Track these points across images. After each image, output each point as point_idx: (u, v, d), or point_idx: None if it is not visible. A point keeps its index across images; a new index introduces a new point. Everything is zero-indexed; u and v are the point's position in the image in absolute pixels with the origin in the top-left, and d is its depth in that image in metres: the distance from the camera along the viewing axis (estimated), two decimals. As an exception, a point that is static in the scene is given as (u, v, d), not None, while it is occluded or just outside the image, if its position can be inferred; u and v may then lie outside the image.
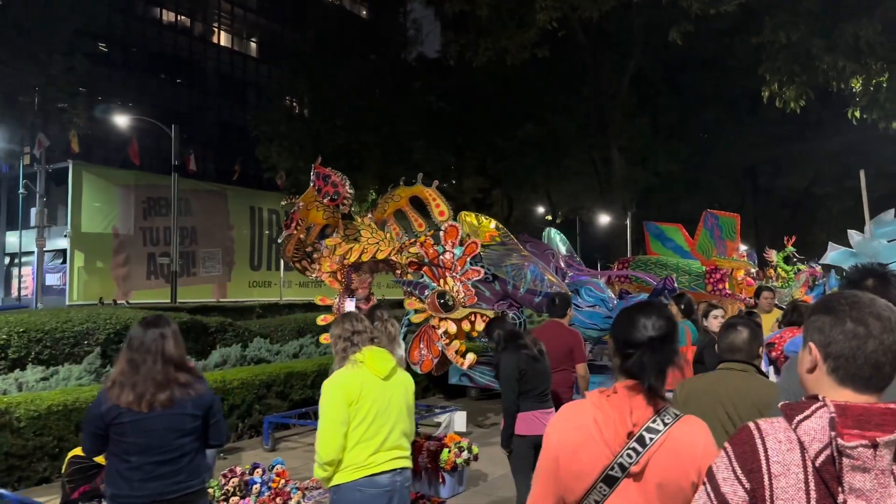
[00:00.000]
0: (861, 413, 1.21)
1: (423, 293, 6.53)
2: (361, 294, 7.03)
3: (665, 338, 1.77)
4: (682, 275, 11.69)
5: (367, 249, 6.57)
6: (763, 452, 1.26)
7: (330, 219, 6.83)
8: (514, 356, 4.32)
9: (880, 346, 1.26)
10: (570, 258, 10.71)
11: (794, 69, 8.42)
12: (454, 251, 6.67)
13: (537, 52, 17.71)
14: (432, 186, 7.66)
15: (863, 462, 1.17)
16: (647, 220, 14.06)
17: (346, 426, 2.90)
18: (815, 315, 1.35)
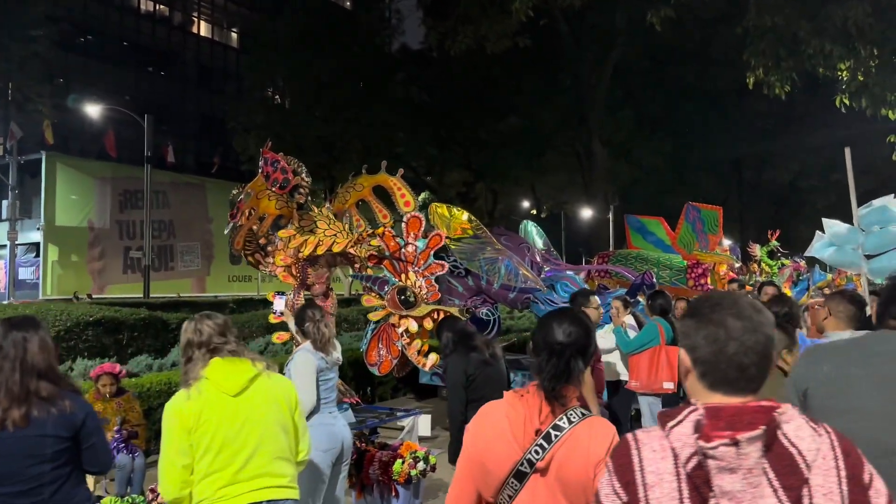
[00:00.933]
0: (734, 414, 1.19)
1: (382, 289, 6.07)
2: (318, 290, 6.55)
3: (571, 345, 1.81)
4: (662, 269, 11.33)
5: (322, 242, 6.09)
6: (638, 463, 1.24)
7: (283, 209, 6.33)
8: (462, 360, 3.89)
9: (741, 347, 1.23)
10: (546, 252, 10.29)
11: (780, 53, 8.04)
12: (416, 244, 6.22)
13: (518, 41, 17.30)
14: (397, 175, 7.20)
15: (727, 462, 1.15)
16: (629, 214, 13.70)
17: (187, 457, 2.39)
18: (683, 319, 1.33)
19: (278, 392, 2.60)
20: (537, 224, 11.24)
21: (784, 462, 1.17)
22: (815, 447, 1.19)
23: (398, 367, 6.24)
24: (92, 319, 9.47)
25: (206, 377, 2.46)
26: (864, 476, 1.21)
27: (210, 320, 2.57)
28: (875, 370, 2.03)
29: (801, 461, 1.17)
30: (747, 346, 1.23)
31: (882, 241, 5.87)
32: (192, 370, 2.48)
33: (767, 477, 1.16)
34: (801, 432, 1.20)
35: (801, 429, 1.20)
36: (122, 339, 10.12)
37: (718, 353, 1.24)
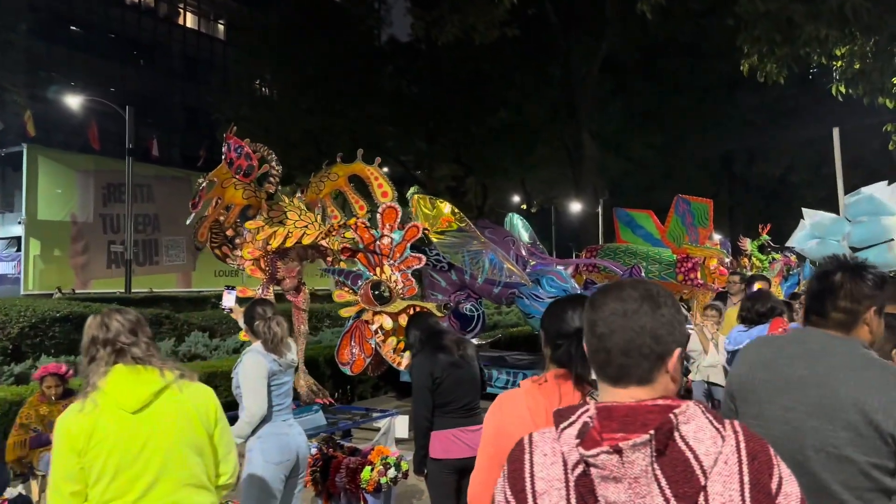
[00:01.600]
0: (627, 413, 1.12)
1: (355, 283, 5.73)
2: (289, 284, 6.21)
3: None
4: (651, 263, 11.06)
5: (292, 234, 5.75)
6: (529, 469, 1.18)
7: (251, 198, 5.98)
8: (428, 360, 3.57)
9: (622, 337, 1.16)
10: (532, 245, 10.00)
11: (775, 38, 7.74)
12: (392, 236, 5.88)
13: (507, 31, 16.93)
14: (374, 164, 6.86)
15: (610, 471, 1.07)
16: (618, 208, 13.42)
17: (76, 483, 2.03)
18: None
19: (191, 407, 2.21)
20: (527, 218, 10.95)
21: (678, 468, 1.07)
22: (715, 451, 1.09)
23: (372, 366, 5.92)
24: (59, 315, 9.09)
25: (103, 389, 2.10)
26: (770, 482, 1.10)
27: (120, 315, 2.21)
28: (778, 373, 1.84)
29: (697, 467, 1.07)
30: (635, 331, 1.16)
31: (869, 234, 5.58)
32: (92, 375, 2.12)
33: (659, 485, 1.06)
34: (701, 434, 1.09)
35: (701, 430, 1.10)
36: (91, 335, 9.73)
37: (601, 345, 1.18)
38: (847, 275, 1.83)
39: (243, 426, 3.23)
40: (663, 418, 1.08)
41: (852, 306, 1.81)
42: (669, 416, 1.09)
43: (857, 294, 1.81)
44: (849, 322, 1.82)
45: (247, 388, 3.24)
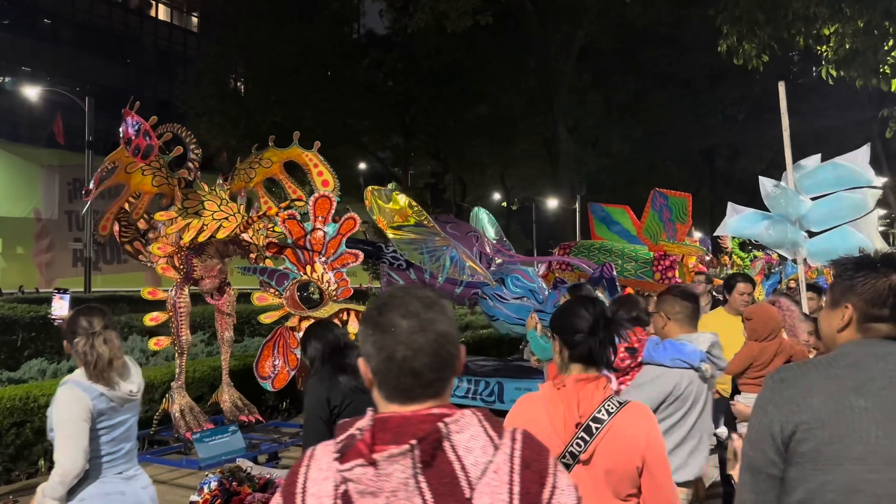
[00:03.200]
0: (401, 423, 1.08)
1: (281, 284, 4.97)
2: (209, 285, 5.43)
3: (605, 319, 1.91)
4: (627, 261, 10.40)
5: (207, 226, 4.97)
6: (302, 484, 1.12)
7: (163, 186, 5.20)
8: (324, 383, 2.85)
9: (409, 350, 1.10)
10: (498, 242, 9.30)
11: (758, 18, 7.10)
12: (325, 229, 5.13)
13: (480, 18, 16.27)
14: (313, 149, 6.11)
15: (366, 486, 1.03)
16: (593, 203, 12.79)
17: None
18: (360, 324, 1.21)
19: None
20: (508, 216, 10.29)
21: (444, 480, 1.03)
22: (484, 461, 1.06)
23: (302, 379, 5.16)
24: (-26, 318, 8.23)
25: None
26: (542, 492, 1.08)
27: None
28: (879, 399, 1.50)
29: (463, 478, 1.04)
30: (417, 348, 1.10)
31: (829, 212, 4.81)
32: None
33: (423, 498, 1.02)
34: (473, 443, 1.06)
35: (474, 439, 1.07)
36: (16, 340, 8.89)
37: (388, 361, 1.11)
38: None
39: (55, 486, 2.39)
40: (433, 427, 1.05)
41: None
42: (439, 425, 1.05)
43: None
44: None
45: (59, 434, 2.42)
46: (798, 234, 4.89)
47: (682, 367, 2.66)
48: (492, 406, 7.50)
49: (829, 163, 4.76)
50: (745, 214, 5.11)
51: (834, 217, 4.84)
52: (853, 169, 4.65)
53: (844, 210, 4.80)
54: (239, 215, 5.12)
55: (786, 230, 4.89)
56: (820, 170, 4.80)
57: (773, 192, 4.89)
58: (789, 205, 4.86)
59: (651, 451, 1.84)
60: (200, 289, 5.48)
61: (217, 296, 5.57)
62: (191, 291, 5.48)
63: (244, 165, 5.90)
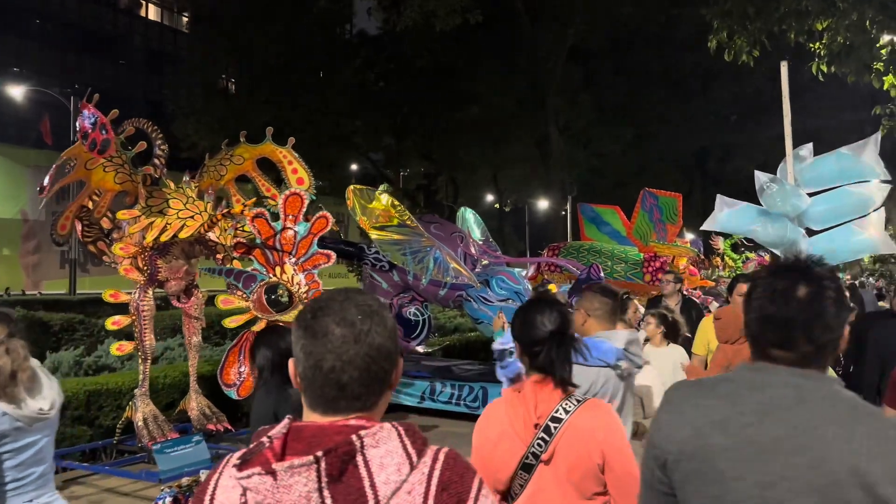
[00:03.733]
0: (315, 433, 1.03)
1: (248, 286, 4.72)
2: (175, 287, 5.18)
3: (564, 329, 1.92)
4: (617, 263, 10.19)
5: (171, 226, 4.72)
6: (211, 492, 1.06)
7: (126, 183, 4.95)
8: (271, 396, 2.62)
9: (339, 361, 1.04)
10: (484, 243, 9.07)
11: (748, 12, 6.90)
12: (296, 228, 4.89)
13: (469, 17, 16.09)
14: (287, 145, 5.87)
15: (264, 496, 0.97)
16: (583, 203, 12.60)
17: None
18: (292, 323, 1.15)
19: None
20: (501, 217, 10.08)
21: (350, 497, 0.97)
22: (397, 479, 1.00)
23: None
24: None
25: None
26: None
27: None
28: (742, 436, 1.35)
29: (371, 496, 0.98)
30: (345, 360, 1.04)
31: (831, 209, 4.39)
32: None
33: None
34: (387, 459, 1.00)
35: (390, 455, 1.00)
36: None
37: (315, 369, 1.05)
38: (813, 291, 1.36)
39: None
40: (344, 439, 0.99)
41: (828, 335, 1.36)
42: (352, 438, 0.99)
43: (831, 318, 1.36)
44: (822, 355, 1.37)
45: None
46: (797, 231, 4.50)
47: (599, 366, 2.61)
48: (476, 412, 7.27)
49: (833, 153, 4.35)
50: (738, 209, 4.67)
51: (836, 214, 4.43)
52: (860, 161, 4.21)
53: (848, 207, 4.38)
54: (205, 214, 4.87)
55: (784, 228, 4.46)
56: (822, 162, 4.41)
57: (768, 190, 4.43)
58: (787, 203, 4.43)
59: (609, 446, 1.84)
60: (166, 291, 5.23)
61: (184, 298, 5.32)
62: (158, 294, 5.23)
63: (214, 162, 5.65)
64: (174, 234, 4.65)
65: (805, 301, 1.36)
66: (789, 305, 1.36)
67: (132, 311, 5.07)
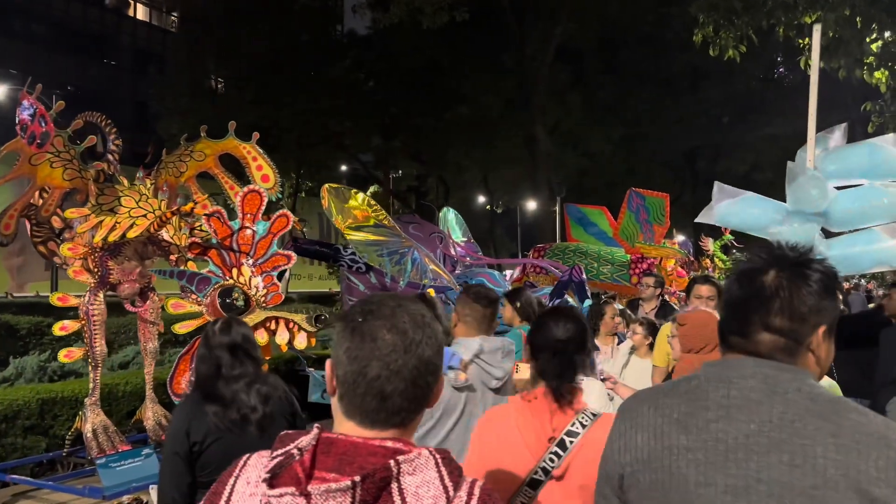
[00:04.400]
0: (347, 450, 0.96)
1: (202, 289, 4.44)
2: (128, 290, 4.89)
3: (569, 340, 1.85)
4: (603, 264, 9.97)
5: (120, 225, 4.44)
6: (228, 494, 1.02)
7: (76, 180, 4.66)
8: (185, 412, 2.37)
9: (385, 369, 0.98)
10: (466, 244, 8.83)
11: (735, 6, 6.67)
12: (255, 228, 4.61)
13: (456, 14, 15.84)
14: (252, 141, 5.59)
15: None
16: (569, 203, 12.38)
17: None
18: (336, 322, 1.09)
19: None
20: (493, 219, 9.85)
21: None
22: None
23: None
24: None
25: None
26: None
27: None
28: (707, 434, 1.17)
29: None
30: (393, 370, 0.98)
31: (857, 210, 3.66)
32: None
33: None
34: (423, 490, 0.94)
35: (427, 485, 0.94)
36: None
37: (358, 375, 0.98)
38: (785, 275, 1.21)
39: None
40: (383, 464, 0.92)
41: (792, 325, 1.20)
42: (389, 463, 0.92)
43: (799, 305, 1.19)
44: (787, 349, 1.20)
45: None
46: (815, 232, 3.81)
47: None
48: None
49: (865, 144, 3.65)
50: (743, 199, 3.96)
51: (862, 216, 3.66)
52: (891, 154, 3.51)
53: (878, 208, 3.61)
54: (159, 212, 4.59)
55: (804, 228, 3.69)
56: (851, 152, 3.70)
57: (804, 182, 3.59)
58: (822, 198, 3.59)
59: None
60: (119, 294, 4.94)
61: (140, 302, 5.02)
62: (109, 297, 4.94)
63: (173, 158, 5.36)
64: (123, 234, 4.36)
65: (769, 283, 1.20)
66: (751, 286, 1.22)
67: (81, 316, 4.77)
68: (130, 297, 4.93)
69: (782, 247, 1.25)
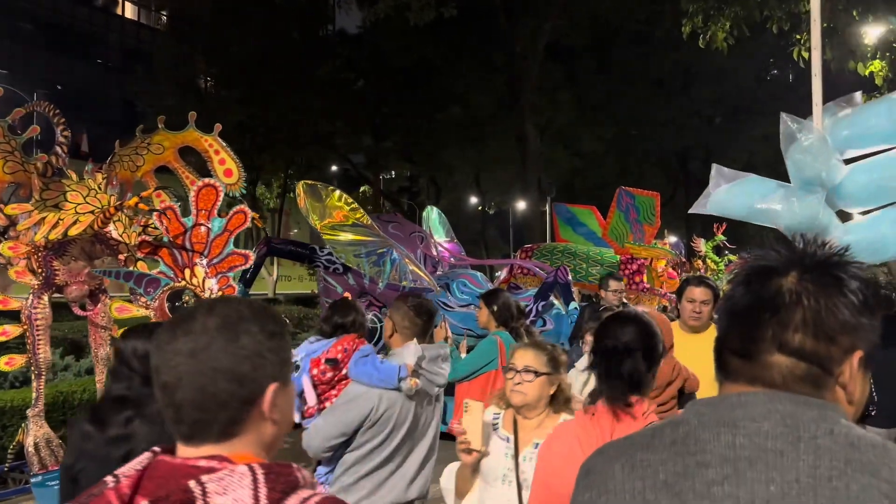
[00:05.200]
0: (168, 472, 0.90)
1: (151, 292, 4.10)
2: (76, 292, 4.55)
3: (627, 348, 1.78)
4: (592, 265, 9.69)
5: (62, 221, 4.10)
6: None
7: (18, 173, 4.32)
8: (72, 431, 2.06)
9: (171, 377, 0.92)
10: (449, 244, 8.53)
11: (725, -4, 6.41)
12: (209, 225, 4.28)
13: (444, 11, 15.51)
14: (214, 132, 5.26)
15: None
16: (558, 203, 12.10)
17: None
18: None
19: None
20: (485, 220, 9.57)
21: None
22: None
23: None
24: None
25: None
26: None
27: None
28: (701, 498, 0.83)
29: None
30: (177, 377, 0.92)
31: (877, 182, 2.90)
32: None
33: None
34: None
35: None
36: None
37: (156, 385, 0.95)
38: (810, 279, 0.88)
39: None
40: (180, 486, 0.86)
41: (817, 346, 0.86)
42: (189, 485, 0.85)
43: (828, 319, 0.86)
44: (808, 378, 0.86)
45: None
46: (828, 214, 3.04)
47: (385, 388, 2.52)
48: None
49: (884, 100, 2.97)
50: (740, 182, 3.26)
51: (885, 191, 2.92)
52: None
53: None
54: (103, 207, 4.25)
55: (805, 203, 2.96)
56: (867, 112, 2.99)
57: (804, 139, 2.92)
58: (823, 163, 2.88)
59: None
60: (66, 297, 4.59)
61: (90, 305, 4.68)
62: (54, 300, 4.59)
63: (128, 151, 5.02)
64: (65, 231, 4.02)
65: (789, 288, 0.88)
66: (763, 290, 0.90)
67: (24, 320, 4.43)
68: (79, 299, 4.59)
69: (807, 241, 0.94)
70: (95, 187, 4.51)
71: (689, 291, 3.36)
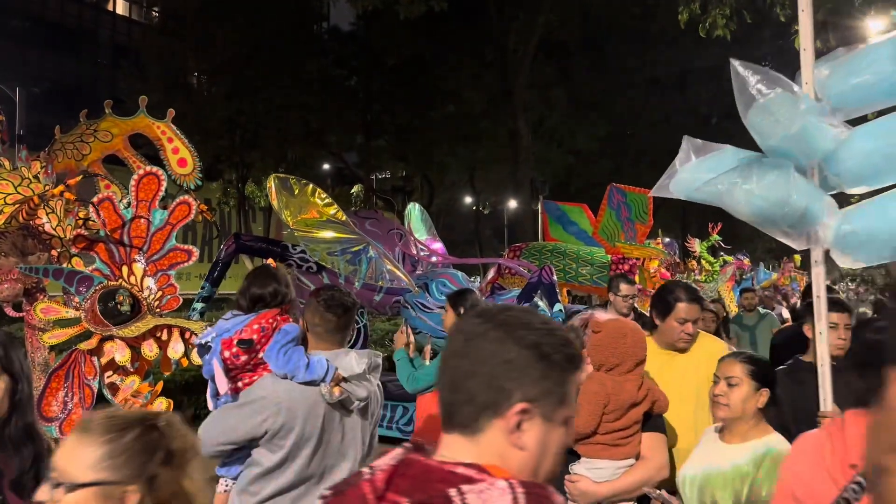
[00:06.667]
0: (421, 472, 0.92)
1: (83, 291, 3.70)
2: (7, 291, 4.12)
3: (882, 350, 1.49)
4: (582, 265, 9.30)
5: (-14, 213, 3.68)
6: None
7: (-59, 162, 3.90)
8: None
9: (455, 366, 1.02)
10: (430, 242, 8.14)
11: (724, -25, 6.05)
12: (150, 217, 3.88)
13: (434, 4, 15.16)
14: (167, 119, 4.85)
15: None
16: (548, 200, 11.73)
17: None
18: None
19: None
20: (479, 219, 9.20)
21: None
22: None
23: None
24: None
25: None
26: None
27: None
28: None
29: None
30: (463, 365, 0.98)
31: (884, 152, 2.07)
32: None
33: None
34: None
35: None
36: None
37: (441, 372, 1.04)
38: None
39: None
40: (441, 492, 0.88)
41: None
42: (450, 493, 0.88)
43: None
44: None
45: None
46: (817, 196, 2.29)
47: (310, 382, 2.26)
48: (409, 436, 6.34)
49: (887, 41, 2.17)
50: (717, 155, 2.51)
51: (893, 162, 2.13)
52: None
53: None
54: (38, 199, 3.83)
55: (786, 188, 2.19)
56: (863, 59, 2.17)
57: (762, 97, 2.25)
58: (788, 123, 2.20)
59: None
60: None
61: (27, 305, 4.25)
62: None
63: (72, 138, 4.61)
64: (-13, 224, 3.61)
65: None
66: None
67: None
68: (11, 298, 4.16)
69: None
70: (30, 176, 4.09)
71: (678, 310, 2.84)
